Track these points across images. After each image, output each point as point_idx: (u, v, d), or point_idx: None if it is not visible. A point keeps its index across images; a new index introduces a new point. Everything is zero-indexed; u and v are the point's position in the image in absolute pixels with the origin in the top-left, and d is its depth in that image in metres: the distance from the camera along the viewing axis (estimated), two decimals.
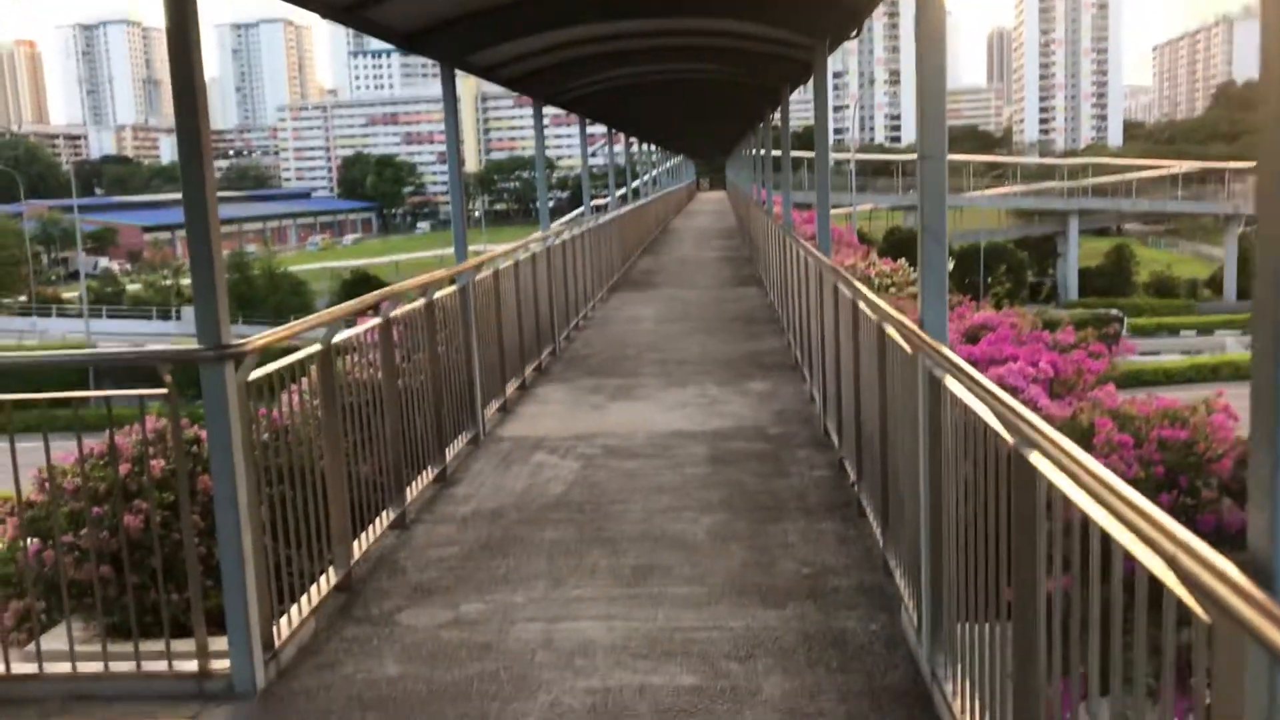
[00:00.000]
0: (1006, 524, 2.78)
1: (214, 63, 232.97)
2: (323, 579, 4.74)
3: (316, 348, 4.78)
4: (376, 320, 5.66)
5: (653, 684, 3.89)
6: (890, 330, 4.44)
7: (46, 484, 4.97)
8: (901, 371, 4.15)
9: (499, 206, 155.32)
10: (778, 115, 16.98)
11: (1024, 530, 2.61)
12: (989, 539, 2.97)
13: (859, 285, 5.35)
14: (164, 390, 3.86)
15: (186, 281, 73.31)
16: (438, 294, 6.77)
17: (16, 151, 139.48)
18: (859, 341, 5.54)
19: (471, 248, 8.29)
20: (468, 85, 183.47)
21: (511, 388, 9.08)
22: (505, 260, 9.12)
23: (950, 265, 16.66)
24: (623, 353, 11.32)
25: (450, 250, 8.30)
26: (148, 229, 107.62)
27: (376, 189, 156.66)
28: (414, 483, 6.18)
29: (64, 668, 4.01)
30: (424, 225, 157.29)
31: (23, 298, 70.67)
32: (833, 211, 13.08)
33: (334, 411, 4.93)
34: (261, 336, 4.00)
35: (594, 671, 4.00)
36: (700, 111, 24.03)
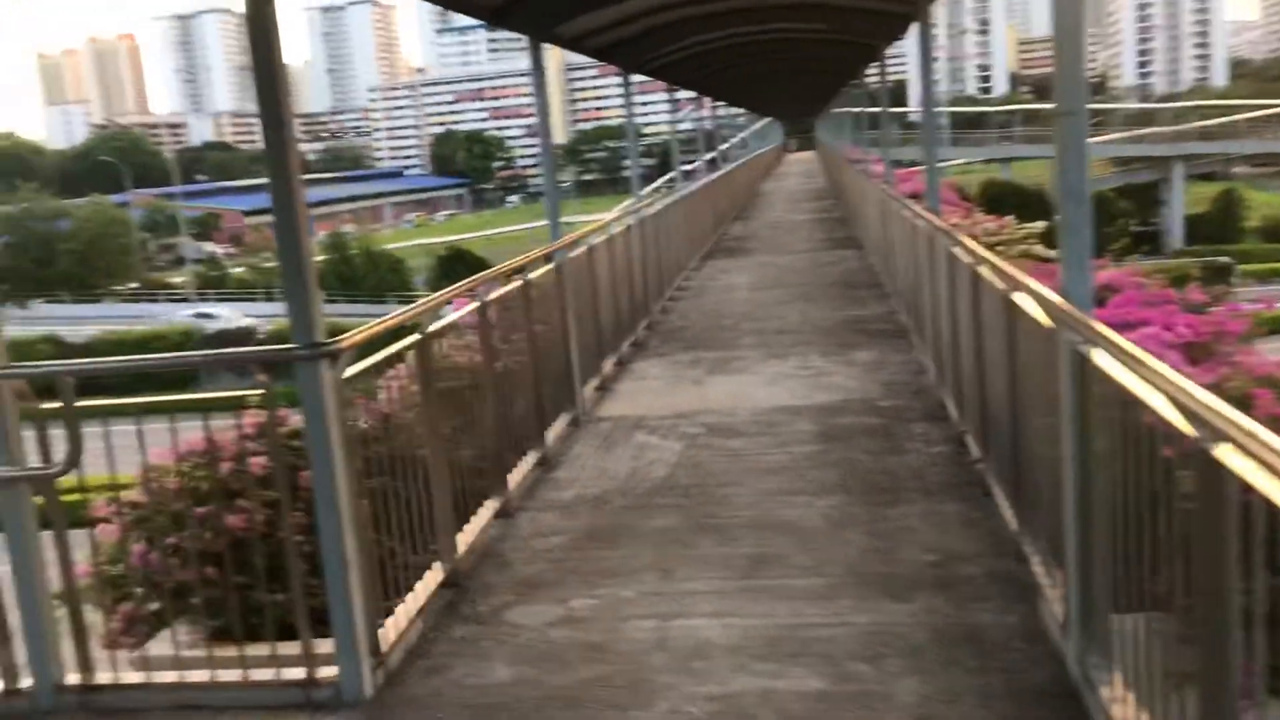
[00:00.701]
0: (1177, 514, 2.48)
1: (305, 46, 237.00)
2: (429, 575, 4.60)
3: (414, 337, 4.62)
4: (473, 305, 5.49)
5: (776, 689, 3.65)
6: (1022, 300, 4.10)
7: (151, 484, 4.92)
8: (1038, 345, 3.82)
9: (587, 177, 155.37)
10: (872, 72, 16.44)
11: (1208, 525, 2.29)
12: (1155, 526, 2.66)
13: (981, 250, 5.00)
14: (261, 391, 3.72)
15: None
16: (533, 274, 6.58)
17: (122, 143, 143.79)
18: (981, 310, 5.19)
19: (564, 219, 8.10)
20: (553, 56, 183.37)
21: (609, 365, 8.89)
22: (599, 235, 8.91)
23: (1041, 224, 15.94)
24: (719, 323, 11.05)
25: (542, 223, 8.12)
26: (248, 213, 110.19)
27: (467, 165, 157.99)
28: (516, 468, 6.02)
29: (171, 676, 3.94)
30: (514, 199, 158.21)
31: (133, 285, 72.96)
32: (905, 169, 12.54)
33: (433, 399, 4.78)
34: (357, 332, 3.84)
35: (713, 675, 3.78)
36: (790, 72, 23.44)
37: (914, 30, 9.81)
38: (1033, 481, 4.19)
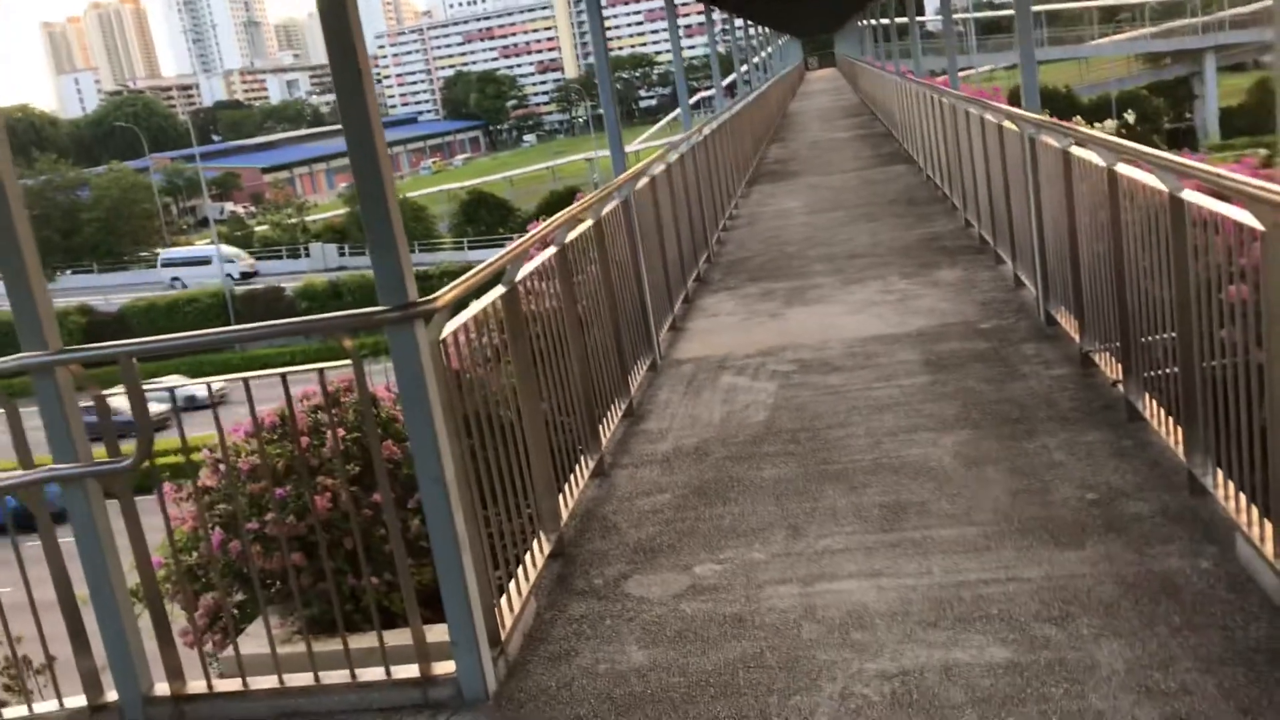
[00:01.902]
0: None
1: None
2: (535, 546, 4.18)
3: (501, 289, 4.15)
4: (552, 249, 5.00)
5: (959, 662, 3.20)
6: (1195, 200, 3.57)
7: (221, 465, 4.52)
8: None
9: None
10: None
11: None
12: None
13: (1128, 142, 4.44)
14: (347, 362, 3.27)
15: (310, 218, 74.51)
16: (604, 210, 6.08)
17: (135, 107, 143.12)
18: (1120, 216, 4.64)
19: (583, 155, 7.58)
20: None
21: (677, 302, 8.40)
22: (659, 165, 8.36)
23: (1077, 120, 15.22)
24: (783, 251, 10.51)
25: (561, 160, 7.58)
26: (266, 170, 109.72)
27: (480, 106, 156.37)
28: (605, 420, 5.57)
29: (270, 681, 3.54)
30: (530, 138, 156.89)
31: (159, 250, 72.85)
32: (938, 79, 11.89)
33: (524, 353, 4.33)
34: (451, 288, 3.37)
35: (880, 649, 3.34)
36: None
37: None
38: (1214, 402, 3.69)
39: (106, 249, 70.37)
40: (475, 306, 3.85)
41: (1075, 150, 5.41)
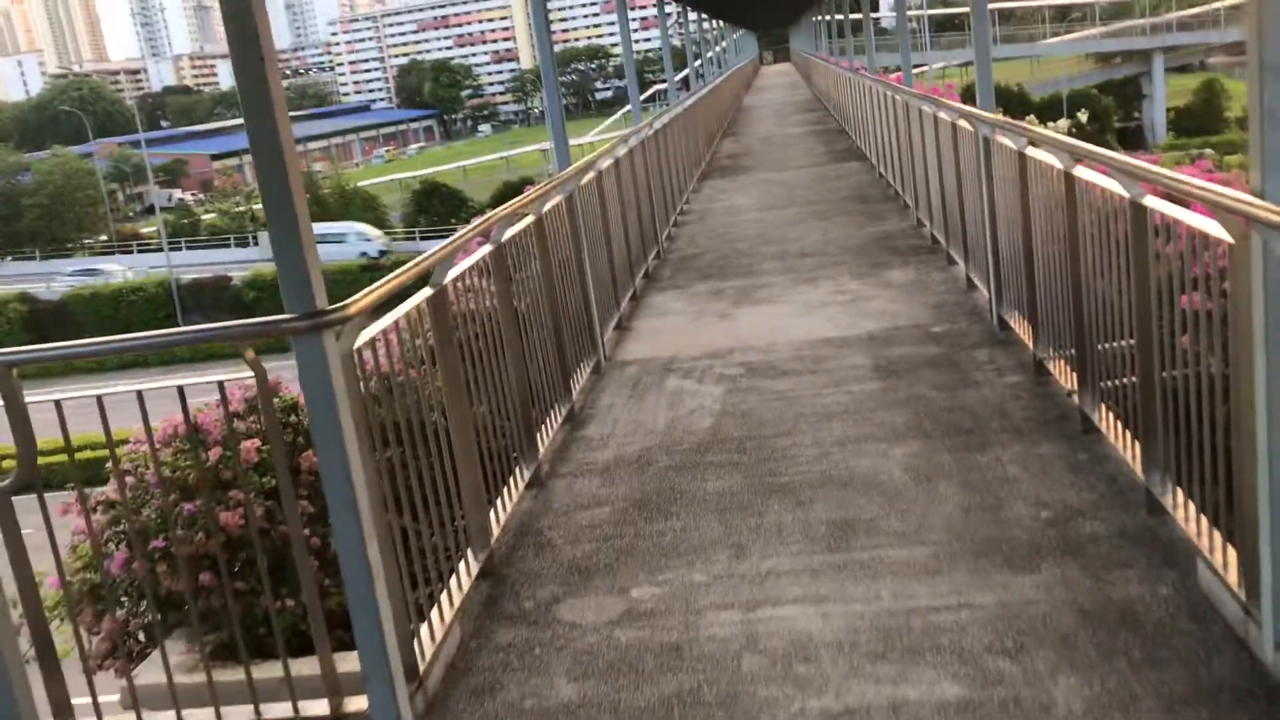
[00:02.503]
0: None
1: None
2: (462, 566, 3.93)
3: (427, 293, 3.89)
4: (488, 248, 4.74)
5: (908, 700, 3.00)
6: (1156, 206, 3.39)
7: (128, 477, 4.22)
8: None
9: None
10: None
11: None
12: None
13: (1089, 145, 4.26)
14: (249, 374, 3.00)
15: (258, 206, 73.32)
16: (545, 206, 5.83)
17: (81, 91, 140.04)
18: (1079, 219, 4.47)
19: (538, 146, 7.32)
20: None
21: (624, 301, 8.16)
22: (606, 159, 8.11)
23: (1031, 119, 15.19)
24: (733, 248, 10.30)
25: (515, 151, 7.31)
26: (215, 156, 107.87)
27: (435, 95, 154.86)
28: (543, 427, 5.32)
29: (168, 716, 3.26)
30: (485, 128, 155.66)
31: (103, 237, 71.37)
32: (892, 75, 11.76)
33: (453, 359, 4.07)
34: (365, 294, 3.10)
35: (825, 684, 3.12)
36: None
37: None
38: (1173, 415, 3.51)
39: (50, 236, 68.80)
40: (397, 312, 3.58)
41: (1031, 151, 5.23)
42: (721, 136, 22.45)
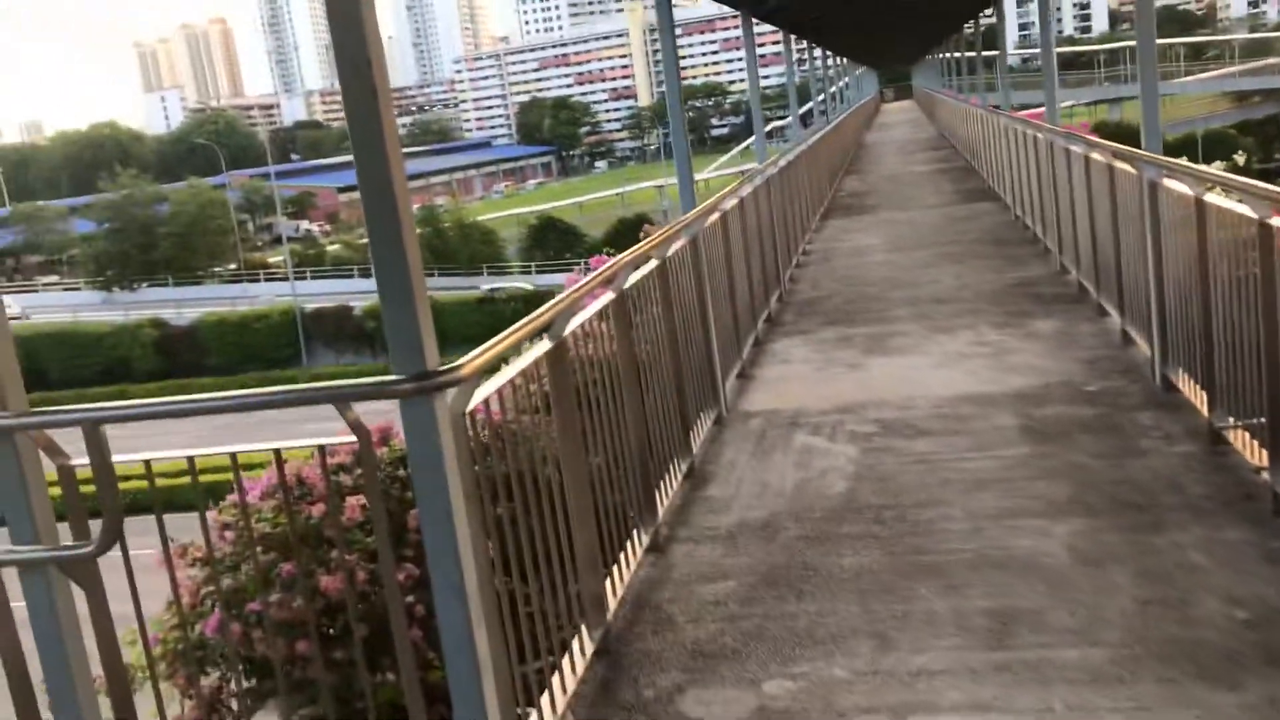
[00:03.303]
0: None
1: (389, 22, 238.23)
2: (575, 645, 3.58)
3: (545, 346, 3.58)
4: (609, 296, 4.42)
5: None
6: None
7: (227, 533, 3.99)
8: None
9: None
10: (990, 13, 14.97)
11: None
12: None
13: None
14: (351, 440, 2.71)
15: None
16: (670, 250, 5.50)
17: (217, 126, 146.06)
18: (1276, 273, 3.95)
19: (654, 182, 7.00)
20: (635, 19, 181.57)
21: (746, 347, 7.78)
22: (731, 199, 7.77)
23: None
24: (861, 292, 9.84)
25: (631, 187, 7.00)
26: (342, 189, 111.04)
27: (554, 132, 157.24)
28: (662, 484, 4.96)
29: None
30: (601, 165, 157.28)
31: (233, 265, 73.82)
32: (1028, 112, 11.10)
33: (570, 410, 3.75)
34: (479, 352, 2.79)
35: None
36: (896, 15, 21.92)
37: None
38: None
39: (181, 264, 71.45)
40: (513, 368, 3.28)
41: (1213, 199, 4.71)
42: (844, 174, 21.95)
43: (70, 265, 79.81)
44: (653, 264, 5.24)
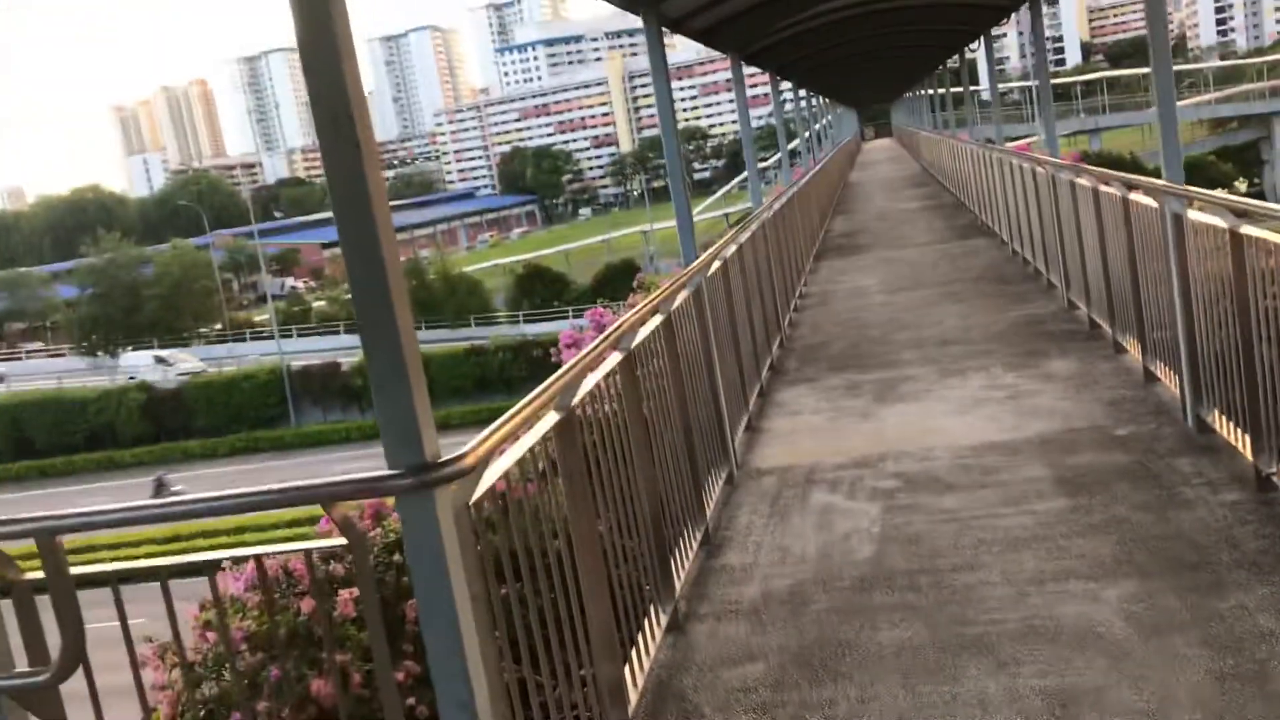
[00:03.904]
0: None
1: (369, 77, 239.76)
2: None
3: (553, 418, 3.26)
4: (616, 358, 4.12)
5: None
6: None
7: (206, 635, 3.65)
8: None
9: (656, 184, 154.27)
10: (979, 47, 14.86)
11: None
12: None
13: None
14: (342, 541, 2.39)
15: None
16: (674, 304, 5.21)
17: (200, 186, 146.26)
18: None
19: (639, 228, 6.74)
20: (614, 67, 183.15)
21: (753, 398, 7.47)
22: (730, 246, 7.50)
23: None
24: (864, 335, 9.56)
25: (617, 233, 6.71)
26: (326, 245, 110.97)
27: (536, 180, 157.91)
28: (677, 553, 4.63)
29: None
30: (585, 211, 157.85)
31: (218, 325, 73.40)
32: (1013, 144, 10.91)
33: (583, 489, 3.43)
34: (484, 438, 2.48)
35: None
36: (877, 54, 21.87)
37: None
38: None
39: (167, 325, 71.01)
40: (519, 447, 2.95)
41: (1251, 231, 4.45)
42: (833, 214, 21.79)
43: (54, 330, 79.31)
44: (658, 319, 4.94)
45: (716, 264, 6.73)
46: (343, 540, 2.39)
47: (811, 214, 16.38)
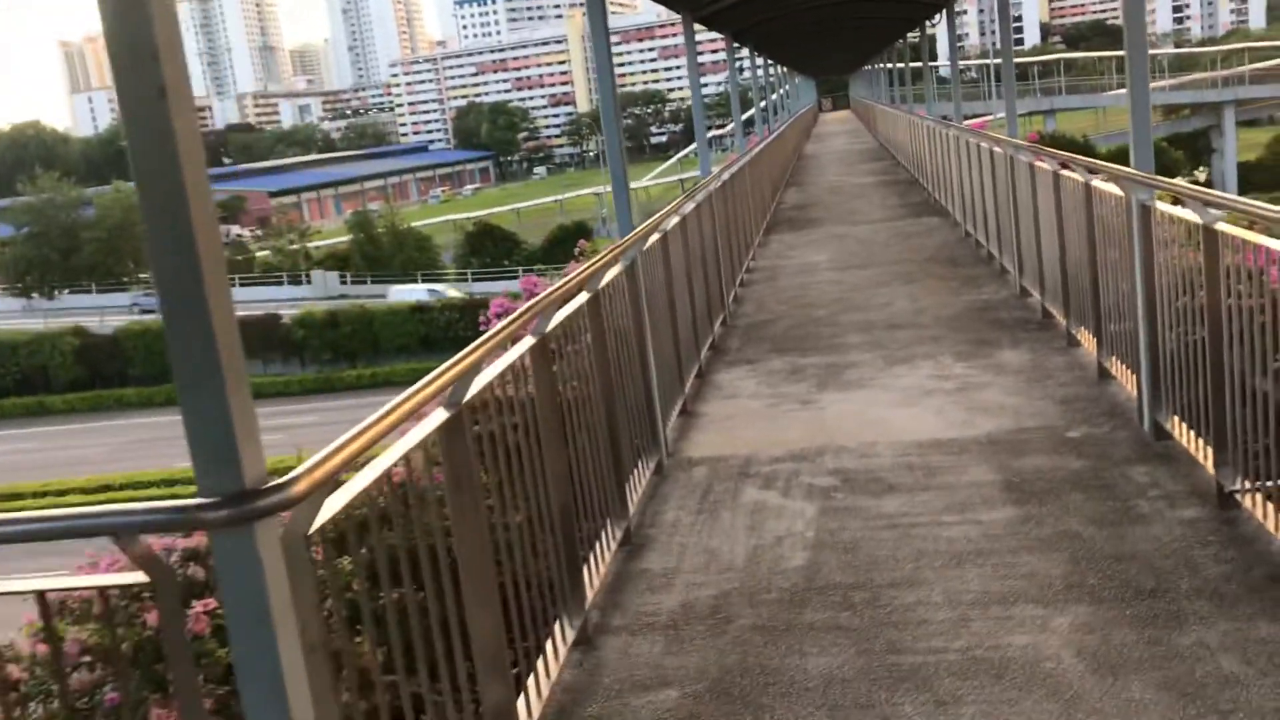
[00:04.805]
0: None
1: (325, 24, 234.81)
2: None
3: (440, 416, 2.82)
4: (528, 342, 3.67)
5: None
6: None
7: (40, 645, 3.17)
8: None
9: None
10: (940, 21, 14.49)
11: None
12: None
13: None
14: (144, 579, 1.93)
15: (313, 245, 73.45)
16: (602, 281, 4.76)
17: None
18: None
19: (593, 189, 6.27)
20: (574, 25, 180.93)
21: (689, 380, 7.07)
22: (673, 218, 7.06)
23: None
24: (810, 315, 9.18)
25: (570, 194, 6.25)
26: (274, 194, 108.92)
27: (491, 137, 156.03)
28: (592, 557, 4.22)
29: None
30: (540, 170, 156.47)
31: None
32: (970, 121, 10.57)
33: (469, 485, 2.99)
34: (324, 456, 2.03)
35: None
36: (839, 21, 21.47)
37: None
38: None
39: (106, 269, 69.27)
40: (384, 460, 2.50)
41: (1225, 228, 4.09)
42: (786, 186, 21.39)
43: None
44: (583, 298, 4.50)
45: (655, 236, 6.28)
46: (144, 577, 1.93)
47: (763, 185, 15.97)
